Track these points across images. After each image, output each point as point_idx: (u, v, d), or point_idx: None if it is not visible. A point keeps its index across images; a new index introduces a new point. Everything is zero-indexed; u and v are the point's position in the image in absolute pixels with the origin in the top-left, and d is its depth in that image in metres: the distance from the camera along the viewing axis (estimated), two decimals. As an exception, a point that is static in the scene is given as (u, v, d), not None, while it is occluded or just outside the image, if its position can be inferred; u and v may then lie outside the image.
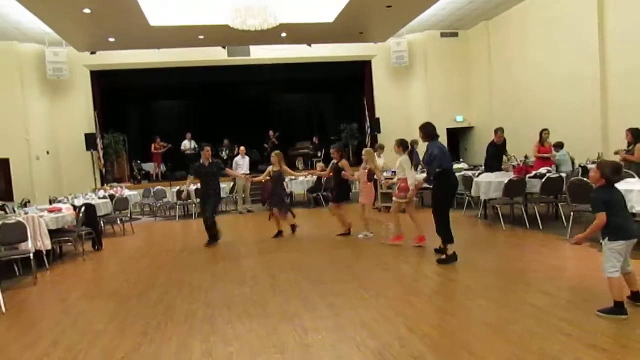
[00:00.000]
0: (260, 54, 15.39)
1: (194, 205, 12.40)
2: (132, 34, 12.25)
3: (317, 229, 8.31)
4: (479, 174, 9.28)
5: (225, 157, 16.54)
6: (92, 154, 14.86)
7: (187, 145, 16.25)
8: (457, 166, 11.52)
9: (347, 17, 12.07)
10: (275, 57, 15.47)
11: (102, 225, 9.58)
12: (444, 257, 5.96)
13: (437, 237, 6.21)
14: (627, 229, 3.78)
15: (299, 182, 13.08)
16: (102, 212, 9.54)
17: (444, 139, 15.78)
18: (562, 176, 7.88)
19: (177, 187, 12.03)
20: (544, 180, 7.74)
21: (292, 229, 8.51)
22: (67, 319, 4.68)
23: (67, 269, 7.24)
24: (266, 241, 8.19)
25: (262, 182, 9.09)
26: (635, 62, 9.98)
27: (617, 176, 3.89)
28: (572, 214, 6.81)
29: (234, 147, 15.90)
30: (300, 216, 11.53)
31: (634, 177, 7.05)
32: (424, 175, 6.58)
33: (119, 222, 10.52)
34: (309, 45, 15.11)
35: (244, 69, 15.91)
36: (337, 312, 4.28)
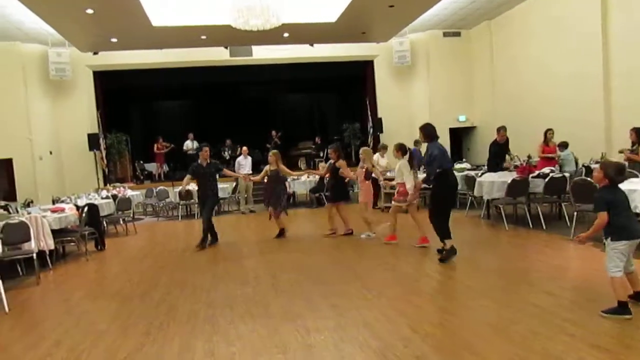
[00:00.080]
0: (262, 54, 15.40)
1: (196, 205, 12.38)
2: (135, 34, 12.27)
3: (320, 228, 8.30)
4: (482, 174, 9.26)
5: (227, 157, 16.57)
6: (95, 154, 14.90)
7: (189, 145, 16.26)
8: (459, 166, 11.51)
9: (350, 17, 12.06)
10: (277, 57, 15.47)
11: (104, 225, 9.59)
12: (443, 252, 6.03)
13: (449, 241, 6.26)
14: (630, 229, 3.79)
15: (301, 182, 13.09)
16: (104, 212, 9.55)
17: (447, 138, 15.79)
18: (565, 176, 7.85)
19: (179, 187, 12.01)
20: (547, 180, 7.72)
21: (280, 232, 8.35)
22: (69, 319, 4.69)
23: (69, 269, 7.25)
24: (268, 241, 8.19)
25: (260, 181, 9.09)
26: (639, 62, 9.94)
27: (620, 176, 3.90)
28: (575, 213, 6.78)
29: (236, 147, 15.90)
30: (302, 216, 11.57)
31: (637, 176, 7.03)
32: (424, 175, 6.61)
33: (121, 222, 10.53)
34: (311, 45, 15.10)
35: (246, 69, 15.93)
36: (340, 312, 4.28)
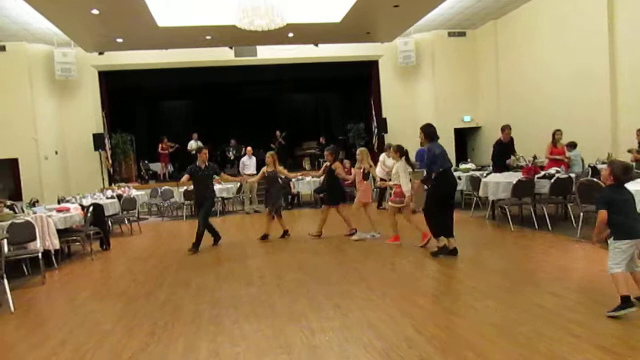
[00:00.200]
0: (267, 54, 15.41)
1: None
2: (140, 34, 12.30)
3: (325, 228, 8.28)
4: (487, 174, 9.22)
5: (232, 157, 16.60)
6: (100, 153, 14.95)
7: (193, 145, 16.28)
8: (464, 166, 11.48)
9: (354, 17, 12.05)
10: (282, 57, 15.46)
11: (109, 225, 9.62)
12: (436, 248, 6.29)
13: (443, 238, 6.30)
14: (632, 229, 3.81)
15: (306, 182, 13.09)
16: (109, 212, 9.59)
17: (451, 138, 15.77)
18: (571, 176, 7.81)
19: (184, 187, 12.04)
20: (552, 180, 7.69)
21: (263, 236, 8.28)
22: (75, 319, 4.71)
23: (75, 269, 7.28)
24: (272, 241, 8.19)
25: (258, 182, 9.10)
26: (645, 61, 9.90)
27: (627, 175, 3.94)
28: (581, 214, 6.74)
29: (241, 147, 15.93)
30: (306, 216, 11.57)
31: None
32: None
33: (126, 221, 10.56)
34: (316, 45, 15.09)
35: (251, 69, 15.93)
36: (344, 313, 4.27)
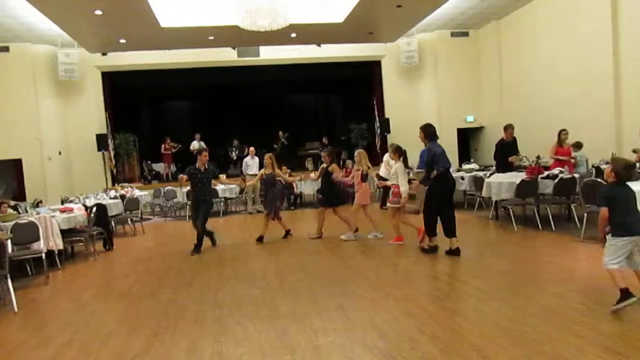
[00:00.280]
0: (269, 55, 15.42)
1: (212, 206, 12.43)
2: (143, 35, 12.32)
3: (326, 229, 8.28)
4: (490, 174, 9.20)
5: (234, 158, 16.61)
6: (103, 154, 14.99)
7: (196, 145, 16.25)
8: (467, 166, 11.46)
9: (357, 17, 12.04)
10: (284, 57, 15.48)
11: (113, 225, 9.63)
12: (426, 247, 6.49)
13: (447, 238, 6.30)
14: (631, 226, 3.87)
15: (308, 183, 13.08)
16: (112, 212, 9.59)
17: (454, 139, 15.75)
18: (575, 176, 7.79)
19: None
20: (556, 180, 7.66)
21: (259, 238, 8.21)
22: (78, 319, 4.71)
23: (78, 269, 7.29)
24: (275, 242, 8.19)
25: (256, 184, 9.07)
26: (649, 61, 9.85)
27: (628, 173, 4.02)
28: (585, 214, 6.72)
29: (244, 148, 15.94)
30: (309, 216, 11.57)
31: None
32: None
33: (129, 222, 10.58)
34: (319, 45, 15.09)
35: (254, 70, 15.95)
36: (347, 313, 4.27)
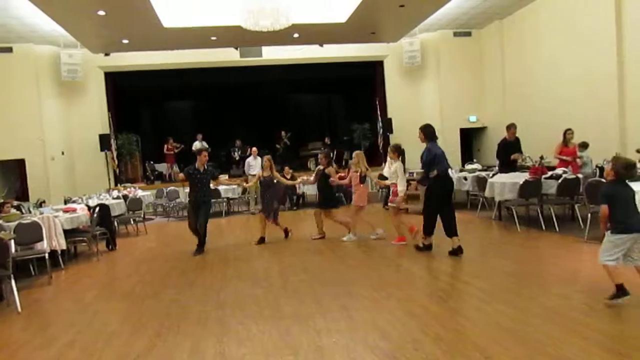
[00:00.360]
0: (272, 55, 15.42)
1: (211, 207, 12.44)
2: (146, 35, 12.33)
3: (329, 230, 8.27)
4: (493, 175, 9.17)
5: (237, 158, 16.61)
6: (106, 154, 15.01)
7: (198, 145, 16.27)
8: (470, 166, 11.43)
9: (360, 17, 12.03)
10: (287, 57, 15.48)
11: (115, 225, 9.64)
12: (421, 245, 6.58)
13: (449, 238, 6.31)
14: (629, 225, 3.96)
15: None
16: (115, 212, 9.59)
17: (457, 139, 15.73)
18: (579, 177, 7.76)
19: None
20: (560, 181, 7.64)
21: (260, 240, 8.17)
22: (82, 319, 4.72)
23: (81, 269, 7.30)
24: (277, 242, 8.19)
25: (254, 186, 9.04)
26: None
27: (628, 172, 4.09)
28: (589, 215, 6.69)
29: (246, 148, 15.95)
30: (312, 216, 11.47)
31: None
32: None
33: (132, 222, 10.59)
34: (321, 45, 15.08)
35: (256, 70, 15.96)
36: (350, 314, 4.26)
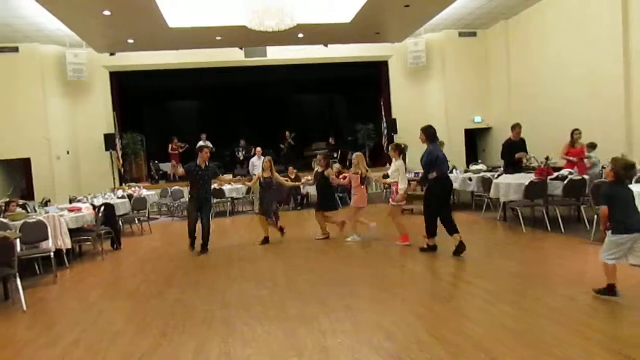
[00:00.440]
0: (276, 55, 15.43)
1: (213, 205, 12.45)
2: (151, 35, 12.37)
3: (334, 231, 8.27)
4: (498, 176, 9.13)
5: (241, 158, 16.63)
6: (111, 154, 15.05)
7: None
8: (475, 167, 11.39)
9: (365, 17, 12.02)
10: (291, 57, 15.49)
11: (120, 224, 9.66)
12: (425, 246, 6.59)
13: (452, 238, 6.35)
14: (630, 225, 4.04)
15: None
16: (120, 212, 9.63)
17: (462, 139, 15.68)
18: (585, 178, 7.72)
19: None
20: (566, 182, 7.60)
21: (264, 240, 8.15)
22: (86, 318, 4.73)
23: (86, 268, 7.32)
24: (282, 242, 8.18)
25: (254, 186, 9.03)
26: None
27: (628, 173, 4.17)
28: (595, 216, 6.64)
29: (251, 148, 15.97)
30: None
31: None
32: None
33: (137, 221, 10.61)
34: (326, 45, 15.07)
35: (261, 70, 15.97)
36: (355, 315, 4.25)
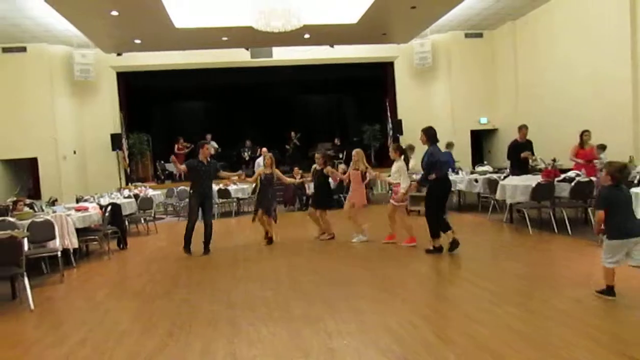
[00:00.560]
0: (282, 55, 15.43)
1: (217, 205, 12.49)
2: (158, 35, 12.40)
3: (338, 231, 8.26)
4: (505, 177, 9.10)
5: (247, 158, 16.65)
6: (117, 153, 15.11)
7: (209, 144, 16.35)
8: (481, 168, 11.35)
9: (371, 18, 12.00)
10: (297, 58, 15.49)
11: (126, 224, 9.69)
12: (431, 248, 6.55)
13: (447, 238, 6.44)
14: (624, 229, 4.11)
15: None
16: (126, 212, 9.64)
17: (467, 140, 15.63)
18: (592, 180, 7.67)
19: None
20: (573, 184, 7.56)
21: (268, 239, 8.18)
22: (93, 317, 4.75)
23: (92, 267, 7.35)
24: (286, 243, 8.19)
25: (254, 182, 9.03)
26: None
27: (622, 174, 4.24)
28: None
29: (256, 148, 15.99)
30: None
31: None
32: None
33: (142, 221, 10.64)
34: (331, 46, 15.07)
35: (267, 70, 15.99)
36: (361, 316, 4.24)
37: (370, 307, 4.49)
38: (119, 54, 14.54)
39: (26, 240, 5.93)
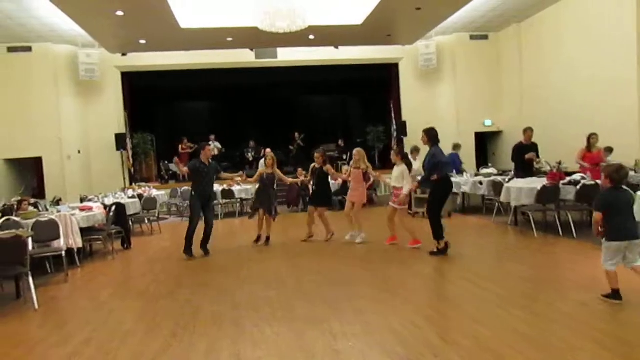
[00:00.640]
0: (287, 56, 15.46)
1: (220, 205, 12.51)
2: (163, 35, 12.44)
3: (342, 231, 8.25)
4: (509, 180, 9.06)
5: (251, 159, 16.67)
6: (122, 153, 15.15)
7: (211, 146, 16.34)
8: (485, 171, 11.30)
9: (376, 20, 12.00)
10: (302, 59, 15.51)
11: (130, 224, 9.70)
12: (435, 250, 6.53)
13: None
14: (622, 231, 4.10)
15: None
16: (130, 212, 9.66)
17: (472, 143, 15.60)
18: (598, 183, 7.63)
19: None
20: (578, 187, 7.53)
21: (266, 239, 8.15)
22: (97, 317, 4.75)
23: (97, 267, 7.36)
24: (290, 243, 8.18)
25: (255, 182, 9.00)
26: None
27: (620, 175, 4.20)
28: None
29: (260, 149, 16.00)
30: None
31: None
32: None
33: (146, 221, 10.66)
34: (336, 47, 15.06)
35: (271, 71, 16.02)
36: (365, 318, 4.23)
37: (374, 308, 4.48)
38: (124, 54, 14.59)
39: (31, 239, 5.95)
